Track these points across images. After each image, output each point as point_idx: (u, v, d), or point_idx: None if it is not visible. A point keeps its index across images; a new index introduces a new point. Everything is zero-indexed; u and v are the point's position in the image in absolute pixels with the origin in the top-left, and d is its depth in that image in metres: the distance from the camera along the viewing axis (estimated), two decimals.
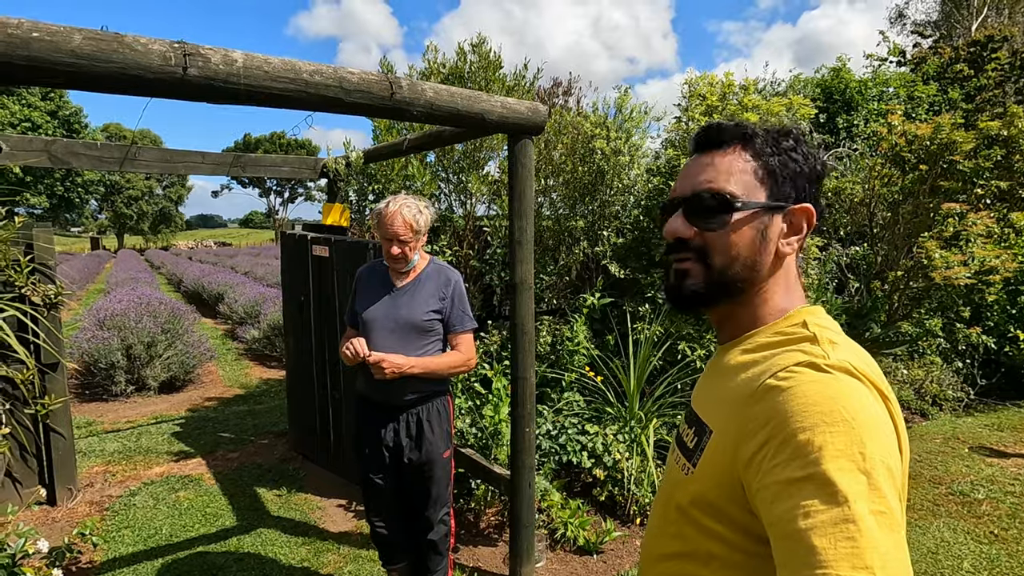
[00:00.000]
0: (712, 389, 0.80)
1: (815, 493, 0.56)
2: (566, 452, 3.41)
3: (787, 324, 0.75)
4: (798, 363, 0.67)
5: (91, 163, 3.53)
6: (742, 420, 0.68)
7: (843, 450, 0.57)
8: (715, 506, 0.70)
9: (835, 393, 0.62)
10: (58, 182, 36.39)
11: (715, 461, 0.71)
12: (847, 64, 9.36)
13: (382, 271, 2.30)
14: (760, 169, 0.78)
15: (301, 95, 1.86)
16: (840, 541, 0.53)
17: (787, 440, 0.61)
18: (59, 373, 3.46)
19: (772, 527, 0.60)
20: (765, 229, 0.77)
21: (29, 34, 1.43)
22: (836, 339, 0.71)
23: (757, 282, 0.78)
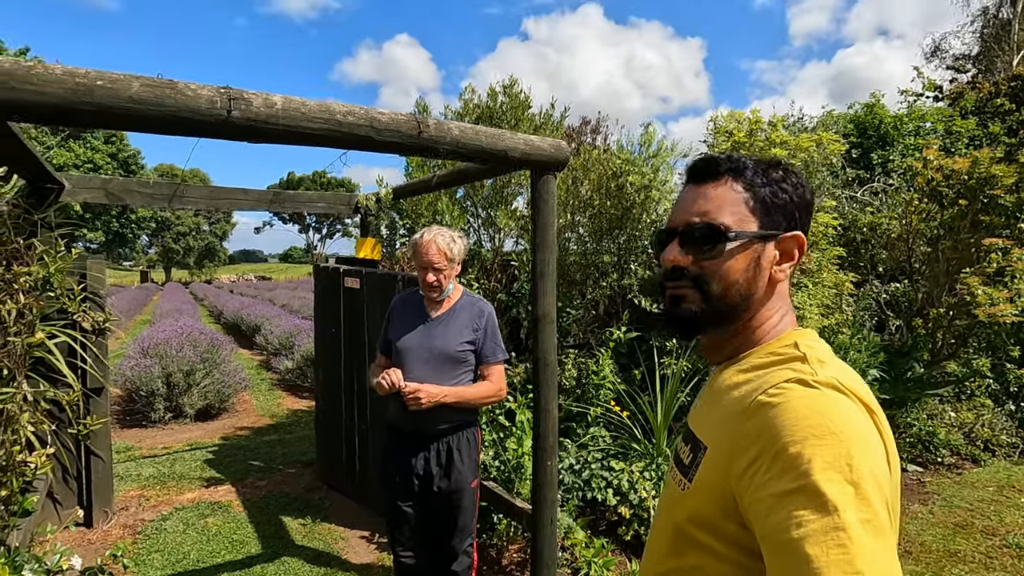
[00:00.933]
0: (707, 408, 0.83)
1: (806, 504, 0.58)
2: (590, 489, 3.35)
3: (779, 345, 0.79)
4: (787, 380, 0.70)
5: (143, 199, 3.77)
6: (735, 436, 0.70)
7: (831, 462, 0.60)
8: (709, 521, 0.72)
9: (823, 408, 0.64)
10: (114, 219, 38.59)
11: (709, 477, 0.73)
12: (881, 100, 9.28)
13: (417, 301, 2.37)
14: (751, 199, 0.81)
15: (335, 134, 1.98)
16: (831, 548, 0.55)
17: (778, 454, 0.63)
18: (103, 398, 3.62)
19: (765, 539, 0.62)
20: (758, 257, 0.80)
21: (94, 82, 1.58)
22: (824, 358, 0.74)
23: (752, 307, 0.82)
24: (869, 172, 8.31)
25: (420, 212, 4.43)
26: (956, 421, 5.21)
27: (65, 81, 1.54)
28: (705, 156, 0.86)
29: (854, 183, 6.88)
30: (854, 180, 7.04)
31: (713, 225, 0.80)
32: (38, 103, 1.52)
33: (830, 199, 5.03)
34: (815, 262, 4.40)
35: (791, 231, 0.81)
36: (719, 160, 0.84)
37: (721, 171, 0.83)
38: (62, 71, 1.55)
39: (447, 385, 2.24)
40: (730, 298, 0.81)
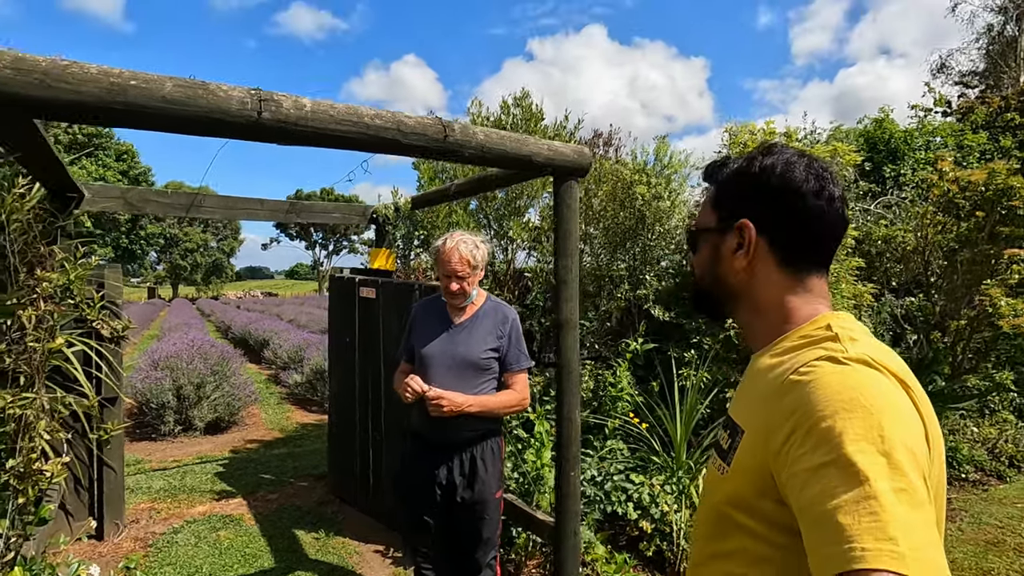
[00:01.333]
0: (744, 394, 0.87)
1: (838, 475, 0.59)
2: (610, 502, 3.27)
3: (812, 328, 0.80)
4: (818, 358, 0.71)
5: (161, 209, 3.79)
6: (769, 415, 0.72)
7: (862, 434, 0.60)
8: (748, 502, 0.74)
9: (853, 383, 0.65)
10: (123, 235, 38.95)
11: (747, 458, 0.75)
12: (890, 115, 9.29)
13: (439, 307, 2.34)
14: (714, 195, 0.91)
15: (362, 137, 1.98)
16: (863, 517, 0.56)
17: (811, 429, 0.64)
18: (117, 407, 3.59)
19: (802, 513, 0.62)
20: (717, 247, 0.89)
21: (128, 82, 1.58)
22: (857, 337, 0.75)
23: (737, 293, 0.88)
24: (880, 186, 8.29)
25: (435, 224, 4.43)
26: (979, 436, 5.10)
27: (100, 80, 1.55)
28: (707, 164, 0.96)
29: (867, 196, 6.84)
30: (866, 193, 7.01)
31: (689, 229, 0.95)
32: (73, 102, 1.52)
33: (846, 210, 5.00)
34: (833, 273, 4.35)
35: (741, 218, 0.85)
36: (708, 166, 0.95)
37: (708, 175, 0.94)
38: (97, 70, 1.56)
39: (471, 393, 2.20)
40: (704, 284, 0.93)
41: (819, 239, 0.83)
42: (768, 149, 0.86)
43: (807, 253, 0.84)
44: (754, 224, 0.84)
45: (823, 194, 0.81)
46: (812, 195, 0.81)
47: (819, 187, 0.81)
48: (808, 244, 0.83)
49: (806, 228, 0.82)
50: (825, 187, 0.81)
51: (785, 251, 0.83)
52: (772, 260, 0.84)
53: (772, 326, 0.84)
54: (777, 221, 0.83)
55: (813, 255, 0.84)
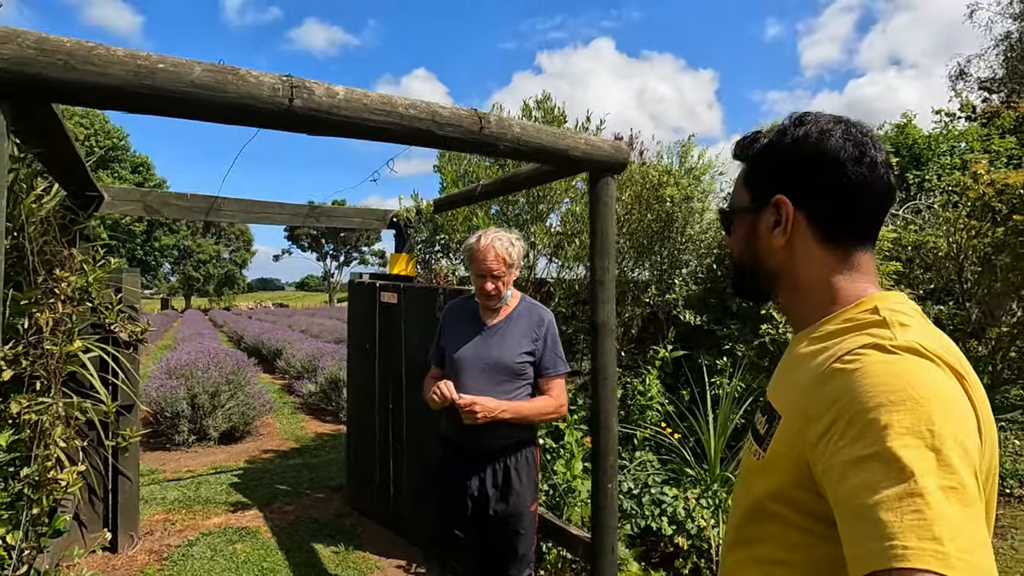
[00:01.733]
0: (783, 378, 0.82)
1: (881, 470, 0.56)
2: (644, 516, 3.12)
3: (857, 311, 0.74)
4: (863, 346, 0.66)
5: (181, 212, 3.72)
6: (808, 404, 0.68)
7: (910, 428, 0.57)
8: (784, 490, 0.71)
9: (901, 372, 0.61)
10: (138, 246, 39.36)
11: (783, 445, 0.72)
12: (912, 120, 9.13)
13: (471, 308, 2.23)
14: (747, 173, 0.87)
15: (396, 127, 1.88)
16: (907, 514, 0.53)
17: (852, 420, 0.61)
18: (133, 415, 3.50)
19: (838, 505, 0.60)
20: (753, 226, 0.84)
21: (155, 65, 1.50)
22: (908, 322, 0.69)
23: (777, 273, 0.83)
24: (904, 191, 8.11)
25: (456, 228, 4.33)
26: (1021, 450, 4.88)
27: (127, 63, 1.46)
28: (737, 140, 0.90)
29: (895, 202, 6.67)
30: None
31: (722, 209, 0.90)
32: (99, 84, 1.44)
33: None
34: None
35: (776, 194, 0.80)
36: (738, 141, 0.89)
37: (739, 151, 0.88)
38: (124, 53, 1.48)
39: (504, 399, 2.08)
40: (742, 265, 0.88)
41: (863, 211, 0.76)
42: (800, 119, 0.80)
43: (851, 227, 0.77)
44: (791, 200, 0.79)
45: (864, 160, 0.75)
46: (852, 163, 0.75)
47: (859, 153, 0.75)
48: (851, 217, 0.77)
49: (848, 200, 0.76)
50: (866, 152, 0.75)
51: (826, 226, 0.78)
52: (812, 236, 0.79)
53: (815, 307, 0.79)
54: (815, 195, 0.77)
55: (857, 229, 0.78)
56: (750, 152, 0.86)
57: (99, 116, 34.91)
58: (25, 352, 2.21)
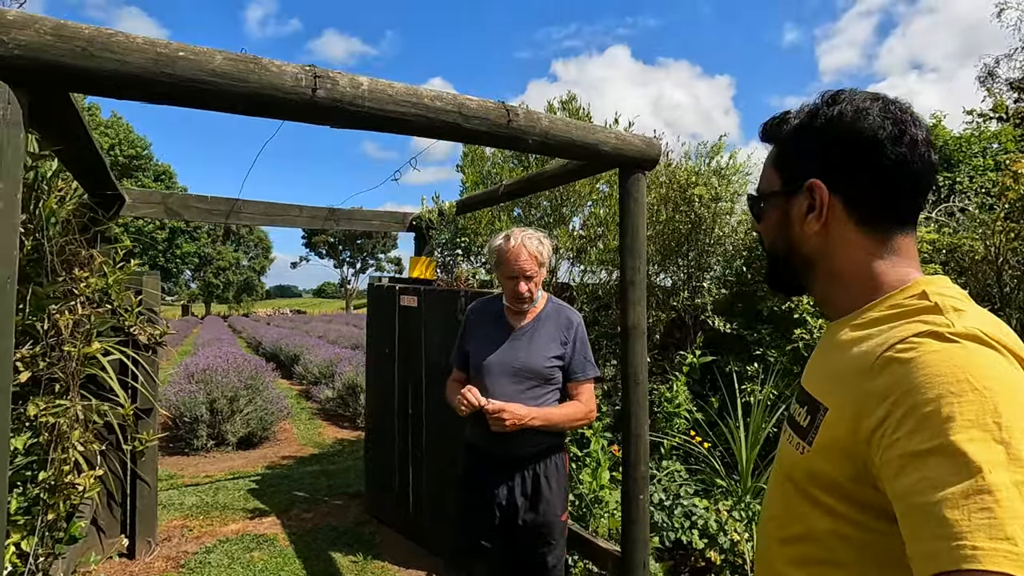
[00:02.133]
0: (823, 366, 0.77)
1: (943, 464, 0.53)
2: (674, 529, 2.98)
3: (903, 296, 0.70)
4: (917, 334, 0.62)
5: (201, 215, 3.70)
6: (859, 395, 0.65)
7: (974, 420, 0.54)
8: (836, 484, 0.67)
9: (963, 362, 0.58)
10: (160, 253, 40.04)
11: (833, 438, 0.68)
12: (942, 121, 8.89)
13: (496, 310, 2.14)
14: (777, 157, 0.82)
15: (421, 119, 1.81)
16: (975, 512, 0.50)
17: (909, 412, 0.57)
18: (152, 419, 3.46)
19: (898, 501, 0.56)
20: (786, 212, 0.80)
21: (176, 53, 1.44)
22: (962, 306, 0.65)
23: (813, 260, 0.79)
24: (936, 194, 7.88)
25: (478, 231, 4.26)
26: None
27: (146, 50, 1.41)
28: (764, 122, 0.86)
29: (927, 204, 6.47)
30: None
31: (751, 195, 0.86)
32: (118, 72, 1.38)
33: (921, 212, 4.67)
34: None
35: (810, 178, 0.75)
36: (766, 123, 0.85)
37: (767, 134, 0.84)
38: (143, 40, 1.42)
39: (533, 404, 1.98)
40: (776, 253, 0.83)
41: (903, 192, 0.72)
42: (834, 97, 0.76)
43: (891, 210, 0.73)
44: (825, 183, 0.74)
45: (904, 139, 0.70)
46: (891, 142, 0.70)
47: (899, 132, 0.70)
48: (891, 199, 0.72)
49: (887, 181, 0.71)
50: (906, 131, 0.70)
51: (865, 209, 0.74)
52: (850, 221, 0.74)
53: (855, 295, 0.75)
54: (852, 177, 0.73)
55: (898, 211, 0.73)
56: (780, 134, 0.82)
57: (123, 125, 35.71)
58: (43, 353, 2.17)
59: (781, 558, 0.77)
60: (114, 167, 18.35)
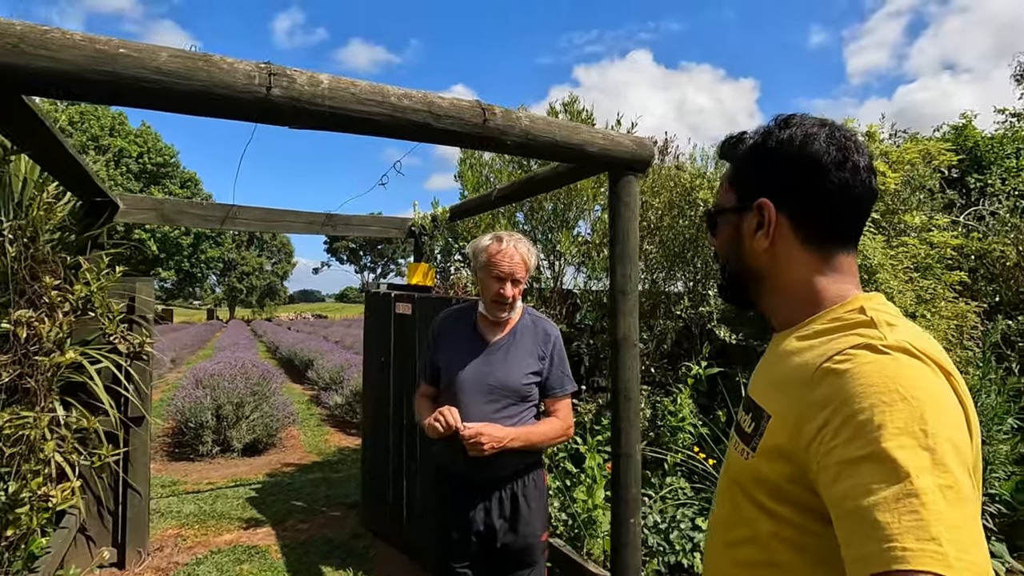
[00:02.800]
0: (767, 375, 0.81)
1: (875, 470, 0.56)
2: (674, 551, 2.82)
3: (843, 311, 0.75)
4: (854, 346, 0.66)
5: (196, 221, 3.67)
6: (800, 404, 0.68)
7: (903, 427, 0.57)
8: (777, 487, 0.70)
9: (893, 373, 0.61)
10: (186, 259, 40.91)
11: (775, 443, 0.71)
12: (972, 121, 8.52)
13: (468, 321, 2.01)
14: (732, 174, 0.86)
15: (387, 119, 1.71)
16: (904, 515, 0.53)
17: (846, 421, 0.60)
18: (143, 428, 3.42)
19: (834, 506, 0.60)
20: (737, 228, 0.84)
21: (116, 50, 1.36)
22: (895, 322, 0.70)
23: (761, 275, 0.83)
24: (965, 196, 7.53)
25: (476, 235, 4.15)
26: None
27: (83, 47, 1.33)
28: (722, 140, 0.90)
29: (955, 208, 6.16)
30: (953, 204, 6.32)
31: (707, 210, 0.91)
32: (50, 70, 1.31)
33: (943, 217, 4.42)
34: (928, 290, 3.79)
35: (760, 197, 0.80)
36: (724, 141, 0.88)
37: (724, 151, 0.88)
38: (81, 37, 1.35)
39: (509, 424, 1.85)
40: (731, 268, 0.87)
41: (845, 214, 0.77)
42: (786, 121, 0.80)
43: (832, 230, 0.78)
44: (773, 202, 0.79)
45: (846, 165, 0.75)
46: (835, 167, 0.75)
47: (842, 158, 0.75)
48: (833, 220, 0.77)
49: (829, 204, 0.76)
50: (848, 157, 0.75)
51: (809, 229, 0.78)
52: (795, 239, 0.79)
53: (798, 308, 0.80)
54: (798, 198, 0.78)
55: (839, 232, 0.78)
56: (736, 153, 0.85)
57: (152, 134, 36.64)
58: (13, 362, 2.12)
59: (727, 560, 0.80)
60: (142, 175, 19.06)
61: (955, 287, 3.98)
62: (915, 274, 3.69)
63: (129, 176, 34.24)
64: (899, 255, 3.70)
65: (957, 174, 7.66)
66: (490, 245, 1.91)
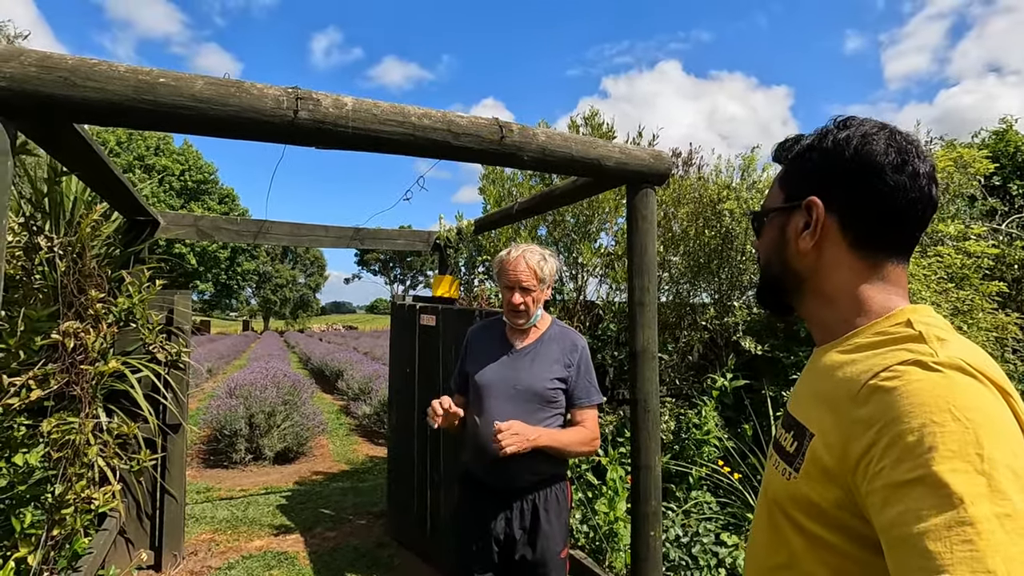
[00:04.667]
0: (809, 392, 0.78)
1: (926, 496, 0.53)
2: (698, 567, 2.78)
3: (889, 324, 0.71)
4: (902, 362, 0.63)
5: (230, 236, 3.83)
6: (846, 423, 0.65)
7: (957, 451, 0.54)
8: (821, 511, 0.68)
9: (945, 392, 0.58)
10: (223, 272, 42.25)
11: (819, 464, 0.68)
12: (1013, 125, 8.21)
13: (498, 330, 2.07)
14: (781, 177, 0.84)
15: (408, 139, 1.78)
16: (956, 545, 0.50)
17: (894, 442, 0.58)
18: (179, 436, 3.56)
19: (883, 532, 0.57)
20: (783, 228, 0.81)
21: (156, 79, 1.47)
22: (945, 336, 0.66)
23: (803, 278, 0.80)
24: (1008, 204, 7.25)
25: (499, 249, 4.21)
26: None
27: (127, 79, 1.44)
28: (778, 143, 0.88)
29: (996, 215, 5.94)
30: (995, 212, 6.10)
31: (754, 212, 0.88)
32: (100, 100, 1.42)
33: (979, 226, 4.28)
34: (966, 301, 3.67)
35: (809, 195, 0.77)
36: (779, 144, 0.86)
37: (779, 153, 0.86)
38: (125, 69, 1.45)
39: None
40: (770, 270, 0.85)
41: (898, 221, 0.73)
42: (845, 122, 0.78)
43: (885, 237, 0.74)
44: (823, 202, 0.76)
45: (905, 169, 0.72)
46: (891, 170, 0.72)
47: (900, 161, 0.72)
48: (885, 226, 0.74)
49: (884, 208, 0.73)
50: (908, 161, 0.72)
51: (858, 233, 0.75)
52: (843, 242, 0.75)
53: (841, 318, 0.76)
54: (850, 199, 0.74)
55: (891, 239, 0.74)
56: (789, 154, 0.83)
57: (193, 152, 38.17)
58: (61, 371, 2.25)
59: None
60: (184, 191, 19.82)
61: (995, 298, 3.84)
62: (949, 284, 3.58)
63: (171, 193, 35.69)
64: (932, 265, 3.60)
65: (999, 181, 7.39)
66: (503, 256, 1.99)
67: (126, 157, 32.73)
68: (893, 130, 0.75)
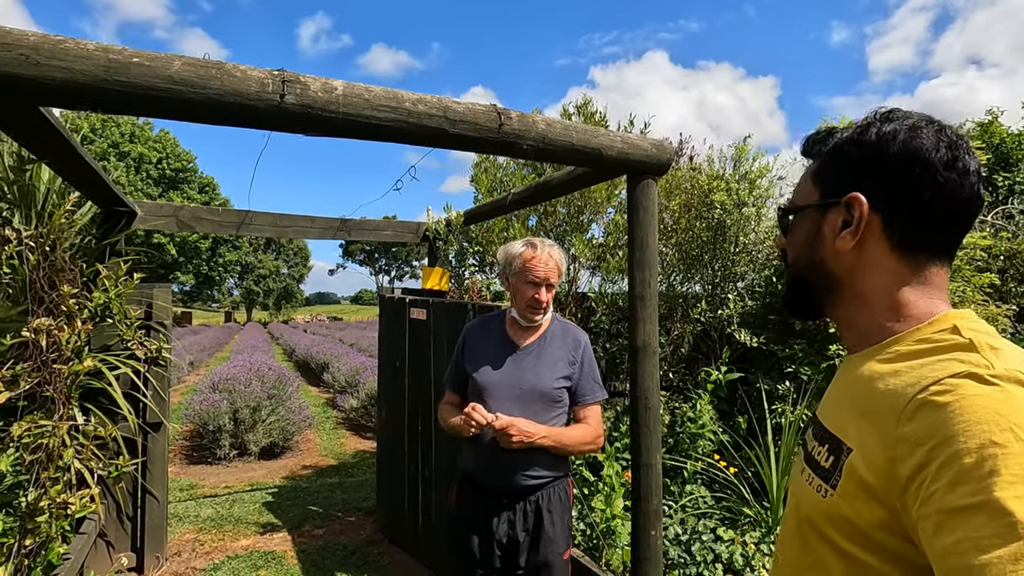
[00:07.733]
0: (845, 402, 0.73)
1: (988, 524, 0.49)
2: (695, 563, 2.75)
3: (933, 330, 0.67)
4: (955, 374, 0.58)
5: (212, 227, 3.69)
6: (891, 439, 0.60)
7: (1020, 475, 0.50)
8: (861, 532, 0.63)
9: (1006, 409, 0.53)
10: (204, 263, 41.49)
11: (859, 482, 0.64)
12: (998, 118, 8.29)
13: (498, 328, 2.00)
14: (817, 170, 0.79)
15: (402, 125, 1.68)
16: None
17: (948, 462, 0.53)
18: (160, 434, 3.44)
19: (938, 560, 0.53)
20: (818, 226, 0.77)
21: (129, 59, 1.35)
22: (998, 344, 0.62)
23: (839, 280, 0.76)
24: (993, 195, 7.34)
25: (491, 240, 4.12)
26: None
27: (97, 58, 1.32)
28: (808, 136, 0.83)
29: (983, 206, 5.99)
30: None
31: (781, 207, 0.83)
32: (65, 81, 1.30)
33: None
34: (955, 293, 3.67)
35: (851, 192, 0.72)
36: (809, 137, 0.82)
37: (809, 147, 0.82)
38: (95, 47, 1.34)
39: None
40: (800, 269, 0.80)
41: (946, 220, 0.69)
42: (888, 115, 0.73)
43: (930, 237, 0.70)
44: (867, 199, 0.71)
45: (956, 165, 0.67)
46: (942, 166, 0.67)
47: (951, 157, 0.67)
48: (932, 226, 0.69)
49: (932, 206, 0.68)
50: (959, 157, 0.67)
51: (903, 233, 0.70)
52: (885, 242, 0.71)
53: (878, 323, 0.72)
54: (896, 196, 0.70)
55: (937, 240, 0.70)
56: (824, 147, 0.79)
57: (170, 140, 37.26)
58: (33, 371, 2.13)
59: None
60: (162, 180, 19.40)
61: (985, 289, 3.85)
62: None
63: (149, 181, 34.85)
64: None
65: (985, 172, 7.46)
66: (524, 251, 1.90)
67: (100, 144, 31.84)
68: (941, 124, 0.71)
